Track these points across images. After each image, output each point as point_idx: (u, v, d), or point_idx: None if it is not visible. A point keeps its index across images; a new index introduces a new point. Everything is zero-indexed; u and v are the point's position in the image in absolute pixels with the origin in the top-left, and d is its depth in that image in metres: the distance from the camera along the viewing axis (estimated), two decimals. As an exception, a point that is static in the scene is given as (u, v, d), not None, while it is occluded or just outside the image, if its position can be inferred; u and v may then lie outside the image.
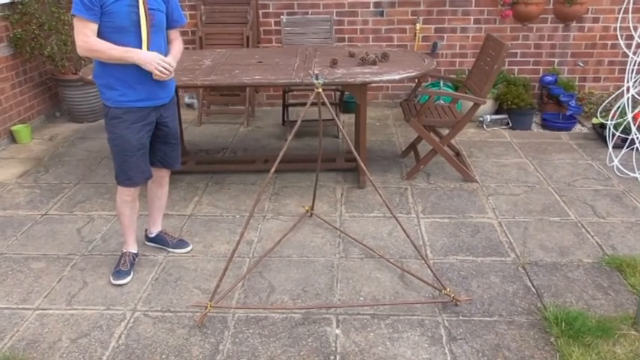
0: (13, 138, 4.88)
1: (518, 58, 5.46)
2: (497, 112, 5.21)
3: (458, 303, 2.63)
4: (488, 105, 5.14)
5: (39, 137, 5.04)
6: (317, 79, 2.57)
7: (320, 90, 2.60)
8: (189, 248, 3.16)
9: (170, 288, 2.83)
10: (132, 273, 2.92)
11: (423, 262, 2.92)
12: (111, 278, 2.89)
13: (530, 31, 5.35)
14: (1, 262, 3.08)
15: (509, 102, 5.01)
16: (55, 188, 3.99)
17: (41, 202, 3.78)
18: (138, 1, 2.51)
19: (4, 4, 4.76)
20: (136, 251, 3.02)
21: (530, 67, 5.48)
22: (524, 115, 5.04)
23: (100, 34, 2.51)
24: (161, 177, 3.01)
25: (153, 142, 2.81)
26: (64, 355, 2.39)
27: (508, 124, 5.08)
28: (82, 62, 5.08)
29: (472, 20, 5.36)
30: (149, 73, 2.58)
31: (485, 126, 5.08)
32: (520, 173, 4.13)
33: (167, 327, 2.54)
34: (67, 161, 4.49)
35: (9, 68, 4.88)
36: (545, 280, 2.83)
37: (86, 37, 2.48)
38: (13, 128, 4.87)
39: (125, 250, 2.99)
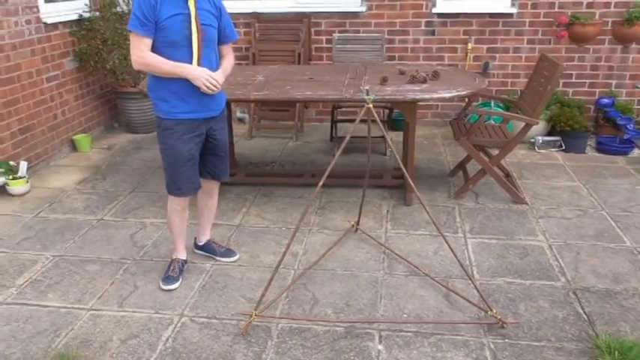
0: (74, 146, 5.13)
1: (573, 80, 5.34)
2: (549, 134, 5.09)
3: (504, 325, 2.57)
4: (540, 126, 5.04)
5: (98, 146, 5.27)
6: (367, 94, 2.60)
7: (370, 105, 2.62)
8: (236, 257, 3.23)
9: (216, 295, 2.89)
10: (180, 279, 3.00)
11: (469, 282, 2.87)
12: (160, 283, 2.98)
13: (587, 52, 5.24)
14: (59, 264, 3.22)
15: (562, 124, 4.90)
16: (110, 195, 4.16)
17: (97, 208, 3.94)
18: (190, 17, 2.61)
19: (72, 20, 5.04)
20: (185, 258, 3.10)
21: (586, 89, 5.35)
22: (578, 138, 4.91)
23: (154, 49, 2.62)
24: (211, 188, 3.10)
25: (203, 154, 2.90)
26: (114, 354, 2.47)
27: (561, 146, 4.96)
28: (141, 76, 5.29)
29: (525, 40, 5.30)
30: (194, 87, 2.66)
31: (536, 148, 4.98)
32: (572, 197, 4.02)
33: (212, 333, 2.60)
34: (122, 170, 4.67)
35: (73, 81, 5.15)
36: (597, 307, 2.73)
37: (141, 51, 2.60)
38: (75, 137, 5.12)
39: (175, 257, 3.08)
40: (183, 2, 2.60)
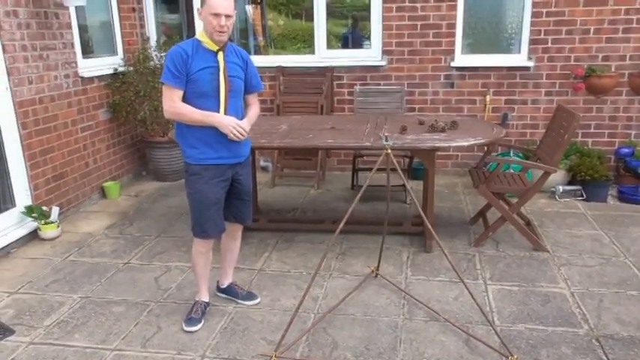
0: (103, 193, 5.32)
1: (592, 130, 5.40)
2: (570, 184, 5.11)
3: (526, 371, 2.55)
4: (560, 176, 5.08)
5: (126, 193, 5.45)
6: (386, 140, 2.70)
7: (389, 151, 2.72)
8: (257, 301, 3.28)
9: (237, 337, 2.93)
10: (202, 321, 3.06)
11: (490, 328, 2.86)
12: (183, 325, 3.03)
13: (605, 103, 5.31)
14: (85, 305, 3.31)
15: (582, 173, 4.93)
16: (137, 240, 4.28)
17: (124, 252, 4.06)
18: (219, 70, 2.78)
19: (107, 74, 5.34)
20: (207, 300, 3.16)
21: (606, 139, 5.40)
22: (599, 187, 4.92)
23: (184, 99, 2.78)
24: (234, 231, 3.19)
25: (227, 198, 3.00)
26: (137, 393, 2.51)
27: (582, 195, 4.96)
28: (170, 125, 5.52)
29: (543, 92, 5.41)
30: (222, 135, 2.80)
31: (557, 197, 4.99)
32: (595, 245, 4.00)
33: (233, 374, 2.63)
34: (149, 216, 4.81)
35: (106, 131, 5.40)
36: (621, 355, 2.69)
37: (172, 102, 2.76)
38: (105, 184, 5.32)
39: (197, 299, 3.15)
40: (213, 56, 2.78)
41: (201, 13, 2.72)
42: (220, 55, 2.79)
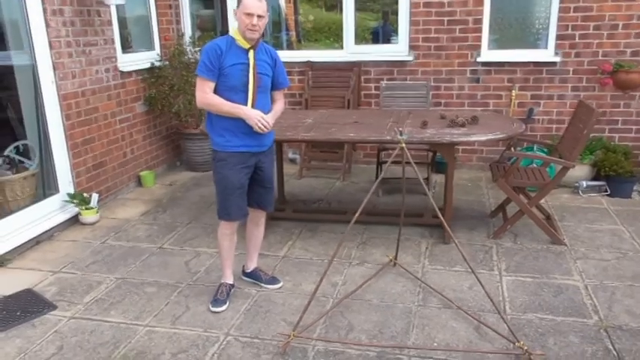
0: (139, 182, 5.60)
1: (619, 126, 5.38)
2: (595, 179, 5.12)
3: (531, 357, 2.66)
4: (585, 171, 5.10)
5: (161, 182, 5.73)
6: (401, 134, 2.84)
7: (404, 145, 2.86)
8: (279, 285, 3.47)
9: (260, 318, 3.13)
10: (228, 302, 3.27)
11: (500, 316, 2.98)
12: (210, 305, 3.25)
13: (632, 98, 5.29)
14: (121, 285, 3.57)
15: (606, 169, 4.94)
16: (170, 226, 4.53)
17: (158, 237, 4.31)
18: (249, 67, 2.99)
19: (144, 69, 5.60)
20: (232, 282, 3.38)
21: (633, 135, 5.37)
22: (624, 183, 4.92)
23: (216, 91, 3.03)
24: (257, 217, 3.40)
25: (251, 185, 3.22)
26: (166, 365, 2.74)
27: (606, 191, 4.97)
28: (202, 118, 5.75)
29: (570, 88, 5.42)
30: (248, 125, 3.02)
31: (580, 192, 5.01)
32: (614, 239, 4.04)
33: (254, 351, 2.82)
34: (182, 204, 5.07)
35: (142, 122, 5.67)
36: (628, 345, 2.78)
37: (205, 93, 3.01)
38: (141, 173, 5.60)
39: (223, 282, 3.36)
40: (244, 53, 2.99)
41: (237, 13, 2.96)
42: (251, 53, 3.00)
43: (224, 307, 3.24)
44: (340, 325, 3.03)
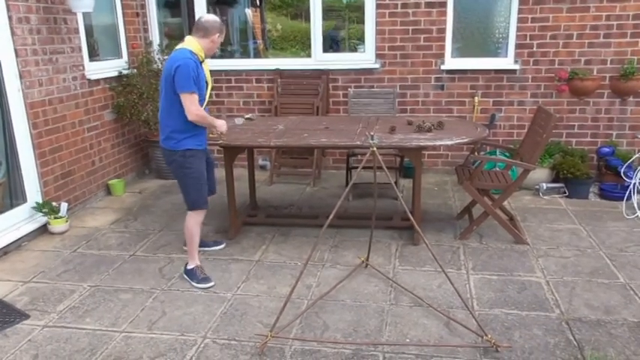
0: (109, 190, 5.57)
1: (575, 130, 5.65)
2: (554, 181, 5.36)
3: (498, 349, 2.80)
4: (544, 174, 5.33)
5: (130, 190, 5.71)
6: (372, 139, 2.95)
7: (375, 149, 2.97)
8: (223, 245, 4.13)
9: (236, 321, 3.18)
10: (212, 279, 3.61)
11: (469, 312, 3.11)
12: (199, 285, 3.57)
13: (587, 104, 5.57)
14: (95, 293, 3.56)
15: (565, 171, 5.18)
16: (142, 234, 4.53)
17: (130, 245, 4.31)
18: (206, 76, 3.40)
19: (112, 77, 5.58)
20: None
21: (588, 139, 5.65)
22: (581, 185, 5.17)
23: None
24: None
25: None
26: (144, 369, 2.76)
27: (565, 192, 5.21)
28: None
29: (529, 94, 5.66)
30: (206, 128, 3.54)
31: (541, 194, 5.24)
32: (572, 238, 4.25)
33: (232, 353, 2.87)
34: (152, 211, 5.07)
35: (111, 131, 5.64)
36: (587, 335, 2.95)
37: (197, 107, 3.33)
38: (110, 182, 5.57)
39: (197, 264, 3.72)
40: (202, 68, 3.37)
41: (217, 39, 3.40)
42: (206, 66, 3.42)
43: (213, 282, 3.59)
44: (316, 325, 3.11)
